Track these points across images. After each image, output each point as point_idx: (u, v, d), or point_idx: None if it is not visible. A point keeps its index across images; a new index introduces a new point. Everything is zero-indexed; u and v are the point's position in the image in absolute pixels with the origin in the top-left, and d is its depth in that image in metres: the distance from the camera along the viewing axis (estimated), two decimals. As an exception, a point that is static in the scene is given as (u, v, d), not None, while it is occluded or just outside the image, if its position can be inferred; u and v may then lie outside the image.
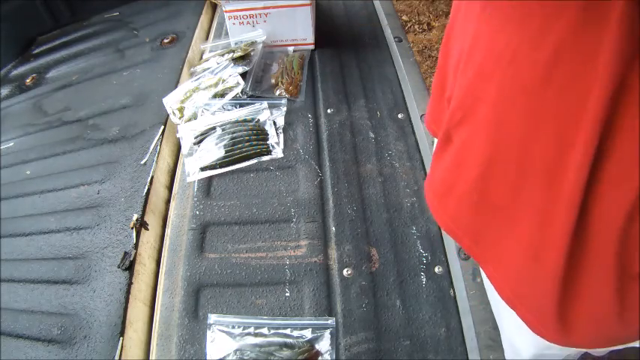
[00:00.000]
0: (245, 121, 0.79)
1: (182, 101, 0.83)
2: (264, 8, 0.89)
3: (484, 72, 0.37)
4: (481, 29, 0.38)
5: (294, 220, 0.67)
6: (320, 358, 0.54)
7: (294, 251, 0.63)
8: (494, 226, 0.42)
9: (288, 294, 0.60)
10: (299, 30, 0.92)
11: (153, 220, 0.69)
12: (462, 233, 0.47)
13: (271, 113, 0.80)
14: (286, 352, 0.53)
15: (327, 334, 0.55)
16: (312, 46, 0.96)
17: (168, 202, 0.74)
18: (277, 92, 0.85)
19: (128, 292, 0.59)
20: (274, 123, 0.80)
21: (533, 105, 0.33)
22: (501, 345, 0.52)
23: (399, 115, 0.81)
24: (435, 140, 0.68)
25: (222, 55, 0.92)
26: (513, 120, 0.35)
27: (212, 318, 0.57)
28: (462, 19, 0.44)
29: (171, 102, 0.84)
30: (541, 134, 0.33)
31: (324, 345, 0.55)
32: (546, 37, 0.30)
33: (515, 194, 0.38)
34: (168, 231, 0.68)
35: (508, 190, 0.39)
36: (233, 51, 0.91)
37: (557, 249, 0.34)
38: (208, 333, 0.56)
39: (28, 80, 1.14)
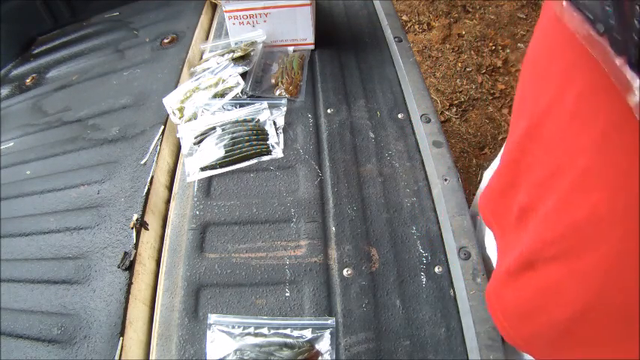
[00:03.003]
0: (245, 121, 0.79)
1: (182, 101, 0.83)
2: (264, 8, 0.88)
3: (602, 218, 0.32)
4: (602, 160, 0.31)
5: (294, 220, 0.67)
6: (320, 358, 0.54)
7: (294, 251, 0.63)
8: (581, 355, 0.39)
9: (288, 294, 0.60)
10: (299, 30, 0.92)
11: (153, 220, 0.69)
12: (535, 353, 0.45)
13: (271, 113, 0.80)
14: (286, 352, 0.53)
15: (327, 334, 0.55)
16: (312, 46, 0.95)
17: (168, 202, 0.74)
18: (277, 92, 0.85)
19: (128, 292, 0.59)
20: (274, 123, 0.80)
21: None
22: (501, 345, 0.52)
23: (399, 115, 0.81)
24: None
25: (222, 55, 0.92)
26: (634, 275, 0.31)
27: (212, 318, 0.57)
28: (562, 128, 0.37)
29: (171, 102, 0.84)
30: None
31: (324, 345, 0.55)
32: None
33: (612, 340, 0.35)
34: (168, 231, 0.68)
35: (603, 336, 0.36)
36: (233, 51, 0.91)
37: None
38: (208, 333, 0.56)
39: (28, 80, 1.14)
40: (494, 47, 2.15)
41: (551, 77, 0.39)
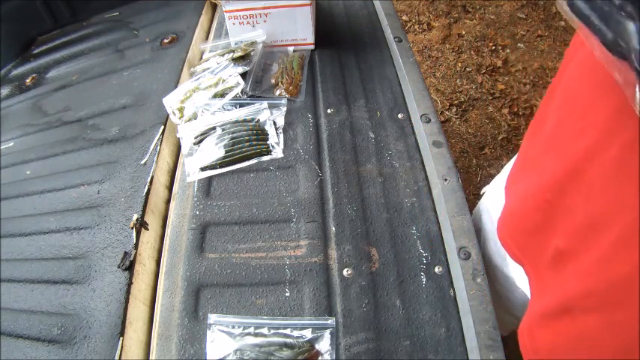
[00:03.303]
0: (245, 121, 0.79)
1: (182, 101, 0.83)
2: (264, 8, 0.88)
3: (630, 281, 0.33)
4: None
5: (294, 220, 0.67)
6: (320, 358, 0.54)
7: (294, 251, 0.63)
8: None
9: (288, 294, 0.60)
10: (299, 30, 0.92)
11: (153, 220, 0.69)
12: None
13: (271, 113, 0.80)
14: (286, 352, 0.53)
15: (327, 334, 0.55)
16: (312, 46, 0.95)
17: (168, 202, 0.74)
18: (277, 92, 0.85)
19: (128, 292, 0.59)
20: (274, 123, 0.80)
21: None
22: (501, 345, 0.52)
23: (399, 115, 0.81)
24: (491, 210, 0.63)
25: (222, 55, 0.92)
26: None
27: (212, 318, 0.57)
28: (606, 177, 0.36)
29: (171, 102, 0.84)
30: None
31: (324, 345, 0.55)
32: None
33: None
34: (168, 231, 0.68)
35: None
36: (233, 51, 0.91)
37: None
38: (208, 333, 0.56)
39: (28, 80, 1.14)
40: (494, 47, 2.15)
41: (594, 120, 0.37)
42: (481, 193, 0.80)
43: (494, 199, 0.70)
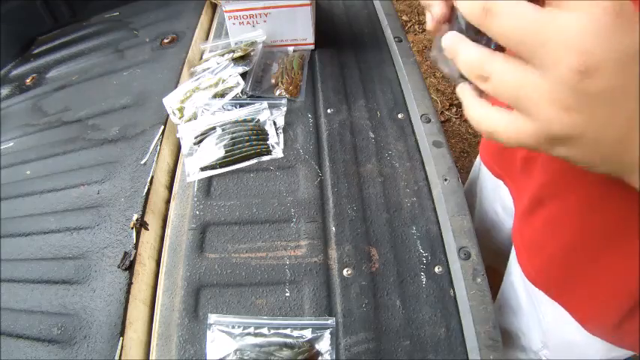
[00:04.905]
0: (245, 121, 0.79)
1: (182, 101, 0.83)
2: (264, 8, 0.88)
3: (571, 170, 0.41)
4: None
5: (294, 220, 0.67)
6: (320, 358, 0.54)
7: (294, 251, 0.63)
8: (582, 278, 0.50)
9: (288, 294, 0.60)
10: (299, 30, 0.92)
11: (153, 220, 0.69)
12: (547, 285, 0.57)
13: (271, 113, 0.80)
14: (286, 352, 0.53)
15: (327, 334, 0.55)
16: (312, 46, 0.95)
17: (168, 202, 0.74)
18: (277, 92, 0.85)
19: (128, 292, 0.59)
20: (274, 123, 0.80)
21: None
22: (501, 345, 0.52)
23: (399, 115, 0.81)
24: (484, 172, 0.78)
25: (222, 55, 0.92)
26: (607, 216, 0.43)
27: (212, 318, 0.57)
28: None
29: (171, 102, 0.84)
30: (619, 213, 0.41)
31: (324, 345, 0.55)
32: None
33: (601, 254, 0.46)
34: (168, 231, 0.68)
35: (594, 252, 0.47)
36: (233, 51, 0.91)
37: None
38: (208, 333, 0.56)
39: (28, 80, 1.14)
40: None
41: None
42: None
43: None
